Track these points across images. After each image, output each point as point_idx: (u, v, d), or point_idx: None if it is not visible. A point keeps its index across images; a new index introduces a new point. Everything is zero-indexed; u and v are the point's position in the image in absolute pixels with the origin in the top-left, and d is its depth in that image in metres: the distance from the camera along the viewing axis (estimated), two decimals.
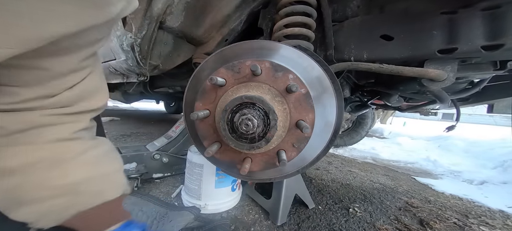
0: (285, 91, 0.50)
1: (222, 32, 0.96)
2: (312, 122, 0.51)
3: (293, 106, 0.51)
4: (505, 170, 2.05)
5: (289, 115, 0.51)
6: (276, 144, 0.52)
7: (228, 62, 0.53)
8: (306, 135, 0.51)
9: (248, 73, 0.51)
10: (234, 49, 0.57)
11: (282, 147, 0.53)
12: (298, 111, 0.51)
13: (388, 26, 0.69)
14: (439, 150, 3.26)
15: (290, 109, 0.51)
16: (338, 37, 0.78)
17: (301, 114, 0.51)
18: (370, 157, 2.51)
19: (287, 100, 0.51)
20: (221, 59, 0.57)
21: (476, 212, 1.15)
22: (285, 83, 0.50)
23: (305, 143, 0.53)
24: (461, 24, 0.58)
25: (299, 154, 0.54)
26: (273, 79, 0.51)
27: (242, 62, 0.52)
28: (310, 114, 0.51)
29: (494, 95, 1.01)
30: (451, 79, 0.62)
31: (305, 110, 0.50)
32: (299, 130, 0.50)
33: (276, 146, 0.53)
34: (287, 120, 0.51)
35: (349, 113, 1.60)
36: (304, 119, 0.51)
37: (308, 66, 0.55)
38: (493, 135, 3.96)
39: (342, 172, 1.66)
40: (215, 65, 0.57)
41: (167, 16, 0.84)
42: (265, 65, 0.51)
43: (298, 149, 0.53)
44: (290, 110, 0.51)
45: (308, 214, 0.92)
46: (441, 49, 0.60)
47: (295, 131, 0.52)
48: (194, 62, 1.09)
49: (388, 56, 0.69)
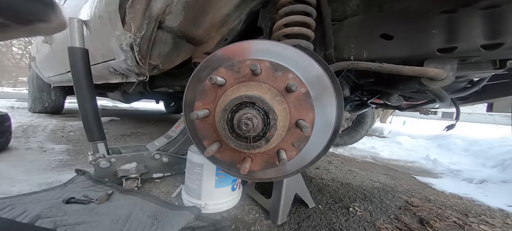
0: (285, 90, 0.50)
1: (221, 31, 0.96)
2: (312, 122, 0.51)
3: (293, 105, 0.51)
4: (505, 169, 2.05)
5: (289, 114, 0.51)
6: (276, 144, 0.53)
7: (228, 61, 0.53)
8: (306, 134, 0.52)
9: (248, 72, 0.51)
10: (232, 49, 0.57)
11: (282, 147, 0.53)
12: (298, 110, 0.51)
13: (387, 25, 0.69)
14: (438, 149, 3.26)
15: (290, 108, 0.51)
16: (337, 36, 0.78)
17: (301, 114, 0.51)
18: (370, 156, 2.52)
19: (287, 99, 0.51)
20: (221, 59, 0.57)
21: (476, 211, 1.15)
22: (285, 83, 0.50)
23: (305, 142, 0.53)
24: (461, 23, 0.58)
25: (299, 153, 0.54)
26: (273, 79, 0.51)
27: (242, 62, 0.52)
28: (310, 114, 0.51)
29: (494, 94, 1.01)
30: (451, 78, 0.62)
31: (305, 109, 0.50)
32: (299, 129, 0.50)
33: (276, 145, 0.53)
34: (287, 120, 0.51)
35: (349, 112, 1.61)
36: (304, 118, 0.51)
37: (308, 66, 0.55)
38: (493, 134, 3.96)
39: (342, 171, 1.66)
40: (215, 64, 0.57)
41: (166, 16, 0.83)
42: (264, 64, 0.51)
43: (298, 148, 0.53)
44: (290, 109, 0.51)
45: (308, 213, 0.92)
46: (440, 48, 0.60)
47: (295, 131, 0.52)
48: (194, 62, 1.09)
49: (388, 55, 0.69)
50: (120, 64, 0.98)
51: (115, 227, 0.70)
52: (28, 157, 1.34)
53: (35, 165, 1.22)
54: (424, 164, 2.32)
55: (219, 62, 0.56)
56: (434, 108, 1.60)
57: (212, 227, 0.75)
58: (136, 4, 0.78)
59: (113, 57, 1.00)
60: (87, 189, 0.92)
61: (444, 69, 0.62)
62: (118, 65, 1.02)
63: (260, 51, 0.55)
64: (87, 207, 0.80)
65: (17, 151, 1.43)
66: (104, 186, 0.95)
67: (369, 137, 3.77)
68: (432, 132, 4.64)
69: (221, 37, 0.97)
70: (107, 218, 0.74)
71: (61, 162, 1.30)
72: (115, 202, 0.85)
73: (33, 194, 0.86)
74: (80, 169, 1.05)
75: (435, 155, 2.61)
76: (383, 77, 0.94)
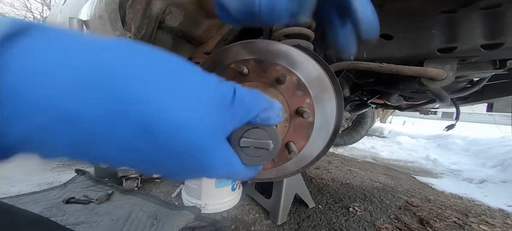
0: (295, 112, 0.50)
1: (221, 31, 0.96)
2: (301, 149, 0.51)
3: (293, 127, 0.51)
4: (505, 169, 2.05)
5: (285, 134, 0.51)
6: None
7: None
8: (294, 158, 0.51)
9: (273, 76, 0.50)
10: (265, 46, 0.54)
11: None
12: (296, 133, 0.51)
13: (387, 25, 0.69)
14: (438, 149, 3.26)
15: (289, 129, 0.51)
16: None
17: (295, 137, 0.51)
18: (370, 156, 2.52)
19: (291, 121, 0.51)
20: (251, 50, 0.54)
21: (476, 211, 1.15)
22: (299, 104, 0.49)
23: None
24: (461, 23, 0.58)
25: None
26: (291, 95, 0.50)
27: (273, 65, 0.50)
28: (303, 142, 0.51)
29: (494, 94, 1.01)
30: (451, 78, 0.62)
31: (302, 137, 0.51)
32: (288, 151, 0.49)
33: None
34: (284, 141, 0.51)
35: (349, 112, 1.61)
36: (296, 142, 0.51)
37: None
38: (493, 134, 3.96)
39: (342, 171, 1.66)
40: (242, 53, 0.54)
41: (166, 16, 0.83)
42: (292, 78, 0.49)
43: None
44: (289, 130, 0.51)
45: (308, 213, 0.92)
46: (440, 48, 0.60)
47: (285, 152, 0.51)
48: (194, 62, 1.09)
49: (388, 55, 0.69)
50: None
51: (115, 227, 0.70)
52: (28, 157, 1.34)
53: (35, 165, 1.22)
54: (424, 164, 2.32)
55: (250, 52, 0.54)
56: (434, 108, 1.60)
57: (212, 227, 0.75)
58: (136, 4, 0.78)
59: None
60: (87, 189, 0.92)
61: (444, 69, 0.62)
62: None
63: (293, 61, 0.53)
64: (87, 207, 0.80)
65: None
66: (104, 186, 0.95)
67: (369, 137, 3.77)
68: (432, 132, 4.64)
69: (221, 37, 0.97)
70: (107, 218, 0.74)
71: (61, 162, 1.30)
72: (115, 202, 0.85)
73: (33, 194, 0.86)
74: (80, 169, 1.05)
75: (435, 155, 2.61)
76: (383, 77, 0.94)
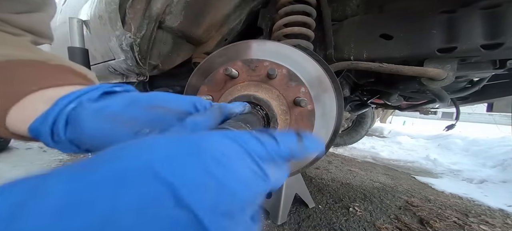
0: (292, 102, 0.50)
1: (221, 31, 0.96)
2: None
3: (294, 118, 0.51)
4: (505, 169, 2.05)
5: (288, 126, 0.51)
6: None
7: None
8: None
9: (263, 74, 0.51)
10: (252, 45, 0.55)
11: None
12: (298, 124, 0.51)
13: (387, 25, 0.69)
14: (438, 149, 3.26)
15: (291, 121, 0.51)
16: (337, 36, 0.78)
17: (300, 128, 0.51)
18: (370, 156, 2.52)
19: (291, 112, 0.51)
20: (239, 52, 0.56)
21: (476, 211, 1.15)
22: (295, 95, 0.50)
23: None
24: (461, 23, 0.58)
25: None
26: (285, 87, 0.50)
27: (260, 61, 0.51)
28: (308, 131, 0.51)
29: (494, 94, 1.01)
30: (451, 78, 0.62)
31: (305, 126, 0.51)
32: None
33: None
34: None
35: (349, 112, 1.61)
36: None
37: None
38: (493, 133, 3.96)
39: (342, 171, 1.66)
40: (232, 54, 0.56)
41: (166, 16, 0.84)
42: (282, 71, 0.50)
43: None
44: (291, 122, 0.51)
45: (308, 213, 0.92)
46: (440, 48, 0.60)
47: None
48: (194, 62, 1.09)
49: (388, 55, 0.69)
50: (120, 64, 0.98)
51: None
52: (28, 157, 1.34)
53: (35, 165, 1.22)
54: (424, 164, 2.32)
55: (237, 54, 0.55)
56: (434, 108, 1.60)
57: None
58: (136, 4, 0.78)
59: (113, 57, 1.00)
60: None
61: (444, 69, 0.62)
62: (118, 65, 1.02)
63: (280, 55, 0.54)
64: None
65: (17, 151, 1.43)
66: None
67: (369, 137, 3.77)
68: (432, 132, 4.64)
69: (221, 37, 0.97)
70: None
71: (61, 162, 1.30)
72: None
73: None
74: None
75: (435, 155, 2.61)
76: (383, 77, 0.94)
